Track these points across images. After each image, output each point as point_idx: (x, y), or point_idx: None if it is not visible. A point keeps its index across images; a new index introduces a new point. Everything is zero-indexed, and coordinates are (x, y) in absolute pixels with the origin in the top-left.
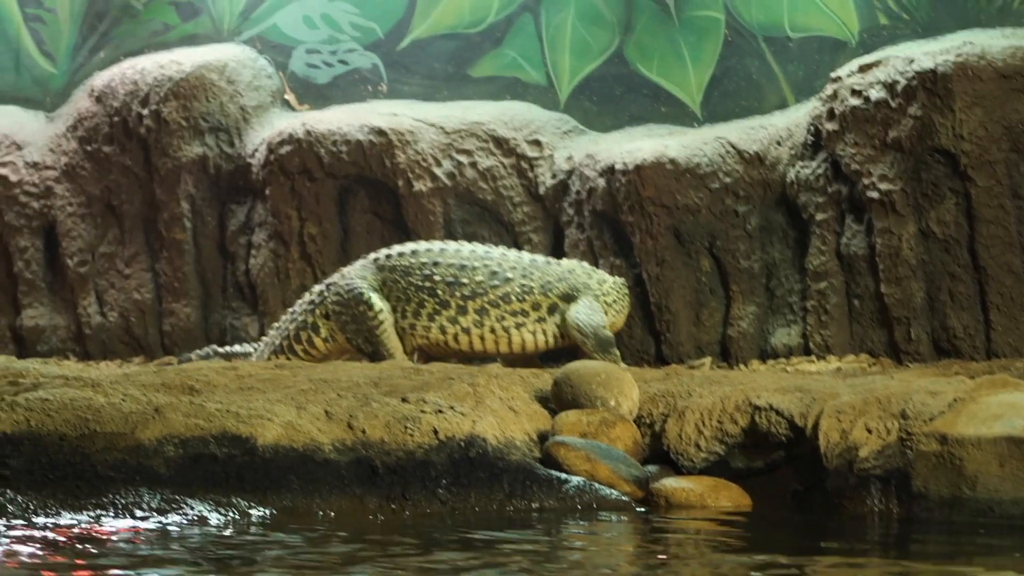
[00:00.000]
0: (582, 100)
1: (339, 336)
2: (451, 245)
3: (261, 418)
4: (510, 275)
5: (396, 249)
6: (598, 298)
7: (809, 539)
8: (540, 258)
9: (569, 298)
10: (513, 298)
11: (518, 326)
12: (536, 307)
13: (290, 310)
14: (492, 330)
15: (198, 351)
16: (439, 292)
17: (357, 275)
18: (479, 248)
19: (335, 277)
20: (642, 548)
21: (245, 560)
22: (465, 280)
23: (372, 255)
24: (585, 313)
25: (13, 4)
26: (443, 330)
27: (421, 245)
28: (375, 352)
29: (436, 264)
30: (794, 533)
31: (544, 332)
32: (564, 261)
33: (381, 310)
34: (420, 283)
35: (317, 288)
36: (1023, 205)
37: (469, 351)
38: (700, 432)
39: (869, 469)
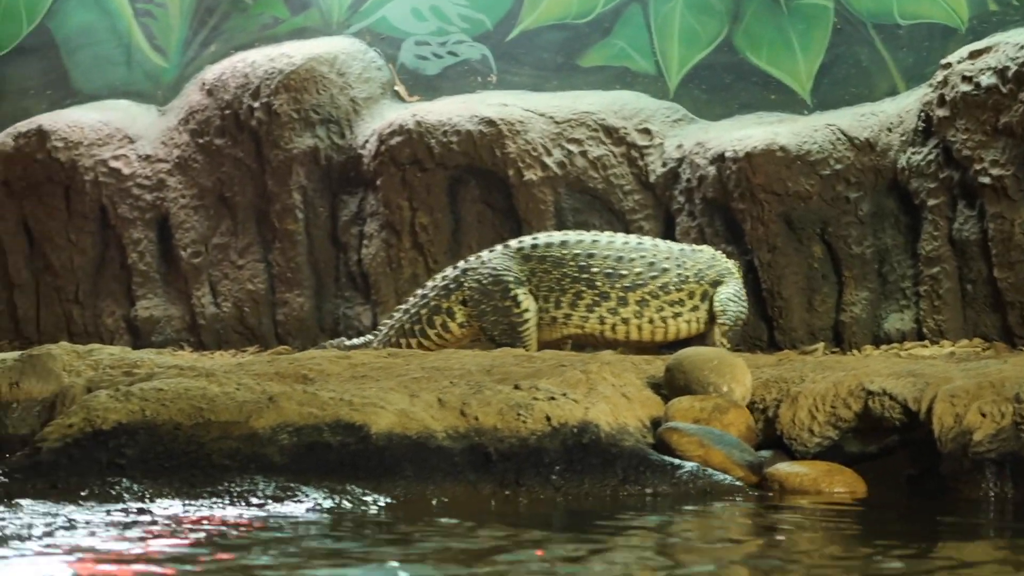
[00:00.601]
0: (691, 89)
1: (475, 322)
2: (603, 236)
3: (374, 406)
4: (666, 265)
5: (542, 239)
6: (739, 280)
7: (925, 523)
8: (685, 246)
9: (717, 284)
10: (672, 288)
11: (675, 315)
12: (691, 295)
13: (419, 293)
14: (651, 320)
15: (331, 342)
16: (598, 283)
17: (500, 265)
18: (631, 239)
19: (472, 262)
20: (759, 532)
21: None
22: (624, 271)
23: (513, 243)
24: (735, 300)
25: (124, 0)
26: (602, 320)
27: (570, 236)
28: (511, 344)
29: (591, 256)
30: (909, 517)
31: (698, 320)
32: (702, 247)
33: (528, 308)
34: (576, 274)
35: (451, 273)
36: None
37: (625, 341)
38: (813, 417)
39: (983, 453)
